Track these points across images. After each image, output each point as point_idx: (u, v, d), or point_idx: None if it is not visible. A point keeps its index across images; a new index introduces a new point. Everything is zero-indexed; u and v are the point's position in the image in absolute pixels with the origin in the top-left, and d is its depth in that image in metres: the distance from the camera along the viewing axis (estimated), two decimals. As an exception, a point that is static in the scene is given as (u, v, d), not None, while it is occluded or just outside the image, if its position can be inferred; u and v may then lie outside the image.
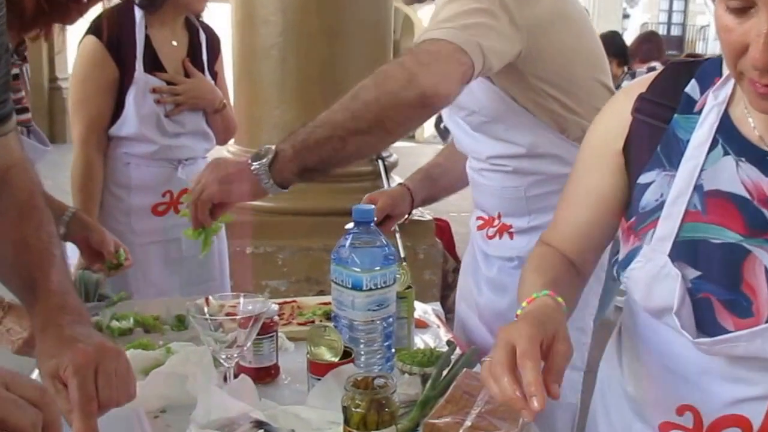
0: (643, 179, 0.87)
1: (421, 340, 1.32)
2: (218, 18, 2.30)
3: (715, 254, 0.81)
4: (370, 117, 1.09)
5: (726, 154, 0.82)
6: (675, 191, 0.83)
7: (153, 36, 1.77)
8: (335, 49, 3.11)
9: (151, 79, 1.76)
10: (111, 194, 1.81)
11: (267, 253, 3.06)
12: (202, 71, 1.86)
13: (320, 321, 1.34)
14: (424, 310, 1.48)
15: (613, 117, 0.94)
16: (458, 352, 1.17)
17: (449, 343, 1.24)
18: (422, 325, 1.40)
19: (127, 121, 1.75)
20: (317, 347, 1.04)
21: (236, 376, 1.06)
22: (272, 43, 3.06)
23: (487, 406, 1.00)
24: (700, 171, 0.83)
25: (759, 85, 0.72)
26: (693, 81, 0.87)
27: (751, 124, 0.82)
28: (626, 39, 5.03)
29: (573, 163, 1.02)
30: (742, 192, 0.81)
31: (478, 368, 1.25)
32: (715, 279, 0.81)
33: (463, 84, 1.13)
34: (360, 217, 1.06)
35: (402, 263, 1.28)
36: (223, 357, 1.02)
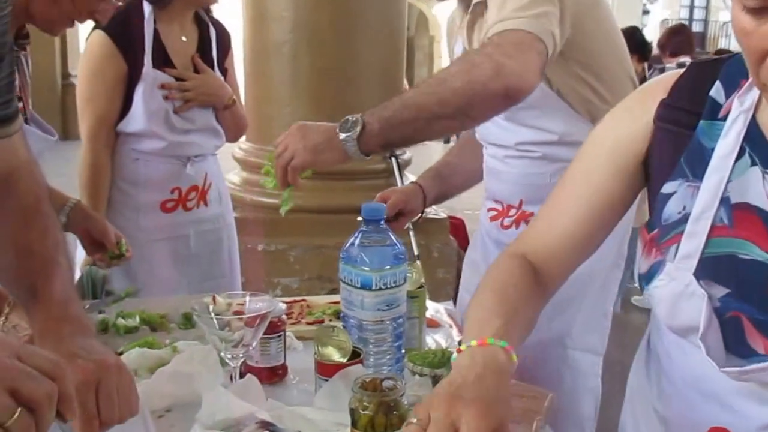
0: (666, 189, 0.81)
1: (433, 340, 1.29)
2: (229, 15, 2.28)
3: (744, 271, 0.75)
4: (456, 104, 1.14)
5: (753, 164, 0.76)
6: (700, 206, 0.77)
7: (162, 31, 1.75)
8: (347, 45, 3.08)
9: (160, 74, 1.74)
10: (119, 190, 1.79)
11: (279, 250, 3.05)
12: (212, 67, 1.84)
13: (330, 320, 1.32)
14: (436, 309, 1.45)
15: (631, 121, 0.86)
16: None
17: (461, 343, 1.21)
18: (434, 324, 1.37)
19: (136, 118, 1.73)
20: (325, 347, 1.01)
21: (243, 375, 1.04)
22: (283, 40, 3.04)
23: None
24: (726, 183, 0.77)
25: None
26: (717, 83, 0.80)
27: None
28: (646, 36, 4.93)
29: None
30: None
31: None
32: (745, 297, 0.75)
33: (542, 73, 1.18)
34: (369, 215, 1.04)
35: (415, 262, 1.25)
36: (228, 356, 1.00)
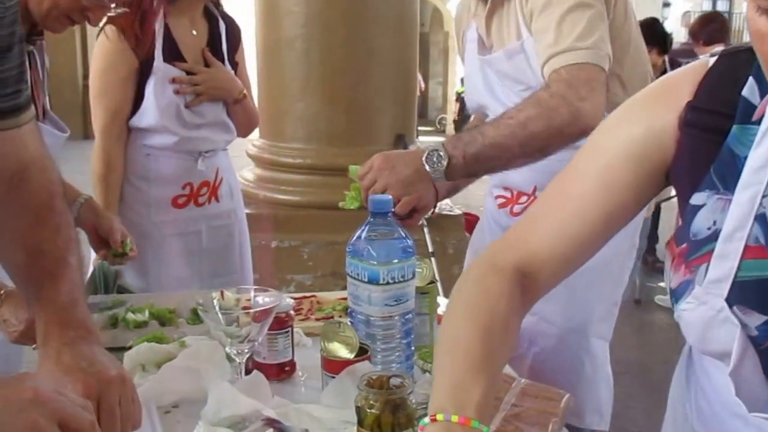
0: (695, 200, 0.73)
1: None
2: (238, 10, 2.27)
3: None
4: (537, 146, 1.24)
5: None
6: (731, 224, 0.69)
7: (172, 25, 1.74)
8: (359, 40, 3.06)
9: (171, 69, 1.73)
10: (131, 186, 1.79)
11: (292, 247, 3.04)
12: (222, 61, 1.83)
13: (339, 316, 1.30)
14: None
15: (653, 122, 0.76)
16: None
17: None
18: (446, 321, 1.34)
19: (147, 112, 1.73)
20: (331, 343, 0.99)
21: (250, 371, 1.02)
22: (295, 35, 3.03)
23: (514, 409, 0.95)
24: (762, 197, 0.67)
25: None
26: (751, 80, 0.71)
27: None
28: (666, 29, 4.83)
29: None
30: None
31: (506, 368, 1.21)
32: None
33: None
34: (376, 207, 1.01)
35: (429, 258, 1.24)
36: (234, 352, 0.98)
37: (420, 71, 3.62)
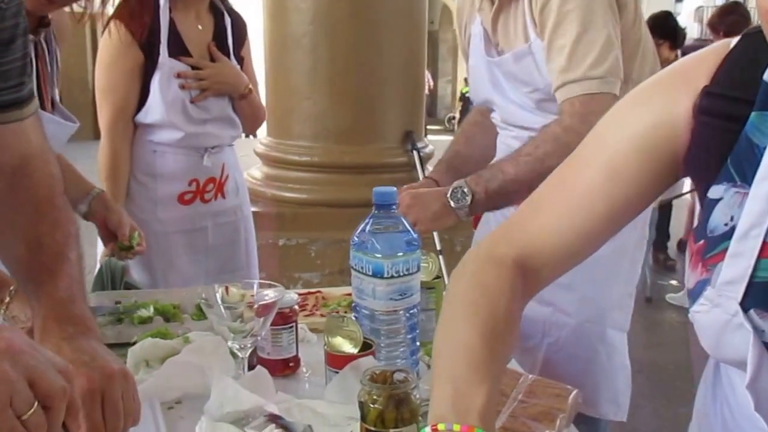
0: (712, 194, 0.68)
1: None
2: (245, 6, 2.26)
3: None
4: None
5: None
6: (747, 221, 0.64)
7: (177, 20, 1.73)
8: (367, 37, 3.05)
9: (176, 63, 1.72)
10: (137, 182, 1.78)
11: (300, 244, 3.03)
12: (228, 56, 1.82)
13: (345, 312, 1.29)
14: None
15: (666, 109, 0.71)
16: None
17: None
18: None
19: (153, 108, 1.72)
20: (334, 338, 0.98)
21: (253, 367, 1.01)
22: (303, 32, 3.02)
23: (522, 405, 0.93)
24: None
25: None
26: None
27: None
28: (679, 24, 4.77)
29: None
30: None
31: (513, 363, 1.19)
32: None
33: None
34: (380, 199, 1.00)
35: (437, 256, 1.23)
36: (237, 347, 0.97)
37: (429, 69, 3.61)
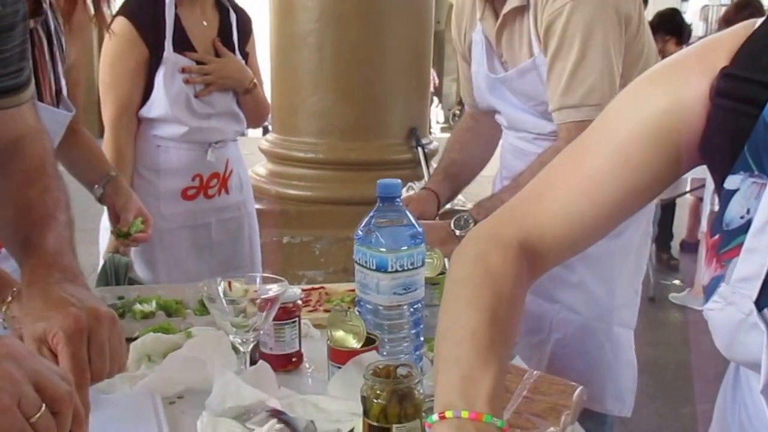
0: (729, 184, 0.64)
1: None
2: (251, 3, 2.26)
3: None
4: None
5: None
6: (764, 214, 0.60)
7: (182, 15, 1.73)
8: (373, 35, 3.05)
9: (181, 58, 1.72)
10: (141, 178, 1.78)
11: (304, 242, 3.03)
12: (233, 51, 1.82)
13: (348, 308, 1.28)
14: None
15: (682, 91, 0.67)
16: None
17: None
18: (457, 314, 1.32)
19: (157, 103, 1.72)
20: (337, 332, 0.97)
21: (255, 362, 1.00)
22: (309, 30, 3.01)
23: (526, 401, 0.92)
24: None
25: None
26: None
27: None
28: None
29: None
30: None
31: (517, 360, 1.18)
32: None
33: None
34: (385, 192, 0.99)
35: (436, 248, 1.21)
36: (239, 341, 0.96)
37: (434, 68, 3.59)
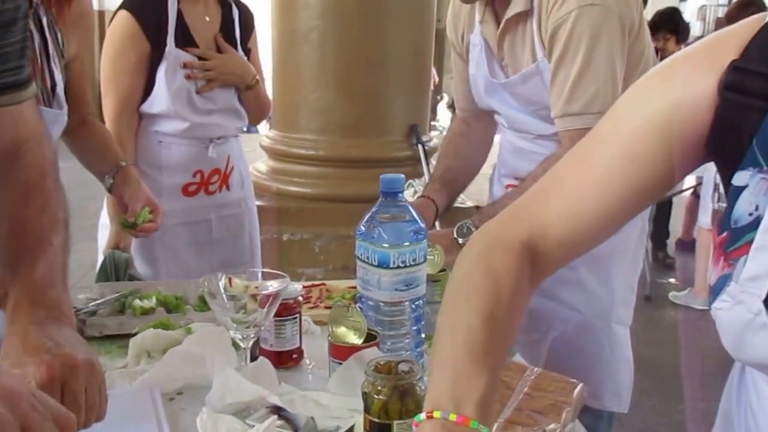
0: (737, 180, 0.63)
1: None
2: (254, 0, 2.25)
3: None
4: None
5: None
6: None
7: (185, 10, 1.72)
8: (375, 33, 3.05)
9: (183, 54, 1.71)
10: (142, 173, 1.76)
11: (304, 240, 3.02)
12: (235, 47, 1.81)
13: (349, 304, 1.28)
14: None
15: (691, 86, 0.66)
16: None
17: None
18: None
19: (158, 98, 1.71)
20: (339, 328, 0.97)
21: (256, 358, 1.00)
22: (311, 27, 3.01)
23: (527, 398, 0.92)
24: None
25: None
26: None
27: None
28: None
29: None
30: None
31: (518, 357, 1.18)
32: None
33: None
34: (387, 187, 0.98)
35: (438, 246, 1.21)
36: (239, 337, 0.96)
37: (435, 66, 3.59)
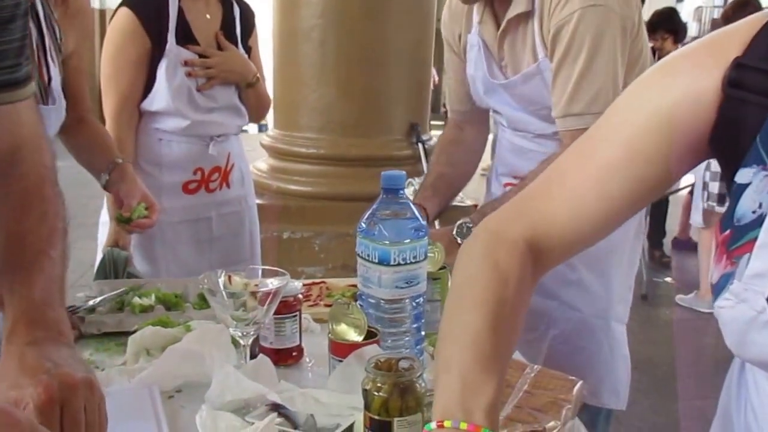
0: (740, 178, 0.63)
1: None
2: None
3: None
4: None
5: None
6: None
7: (186, 8, 1.72)
8: (376, 31, 3.05)
9: (183, 51, 1.71)
10: (142, 171, 1.76)
11: (304, 238, 3.02)
12: (236, 45, 1.81)
13: (350, 301, 1.28)
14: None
15: (687, 87, 0.66)
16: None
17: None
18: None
19: (159, 95, 1.71)
20: (339, 325, 0.96)
21: (255, 356, 1.00)
22: (312, 25, 3.01)
23: (527, 396, 0.92)
24: None
25: None
26: None
27: None
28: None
29: None
30: None
31: (517, 355, 1.17)
32: None
33: None
34: (389, 183, 0.98)
35: (437, 243, 1.21)
36: (239, 334, 0.96)
37: (435, 66, 3.58)
